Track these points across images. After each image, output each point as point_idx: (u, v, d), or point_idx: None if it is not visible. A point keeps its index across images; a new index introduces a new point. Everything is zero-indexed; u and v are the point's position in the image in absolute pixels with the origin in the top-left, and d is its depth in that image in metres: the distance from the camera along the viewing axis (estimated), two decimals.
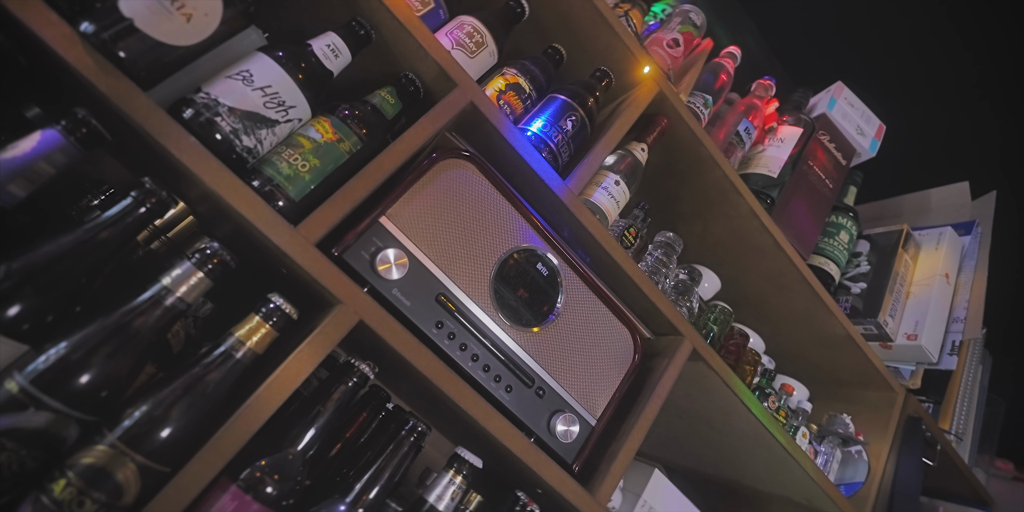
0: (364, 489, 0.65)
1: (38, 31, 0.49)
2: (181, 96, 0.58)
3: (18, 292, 0.49)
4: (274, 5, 0.72)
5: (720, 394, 0.94)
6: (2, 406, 0.47)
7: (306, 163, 0.63)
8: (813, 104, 1.22)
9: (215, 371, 0.56)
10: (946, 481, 1.32)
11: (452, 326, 0.69)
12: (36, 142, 0.51)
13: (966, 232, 1.23)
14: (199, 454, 0.53)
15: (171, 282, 0.55)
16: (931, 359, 1.12)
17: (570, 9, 0.87)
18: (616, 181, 0.83)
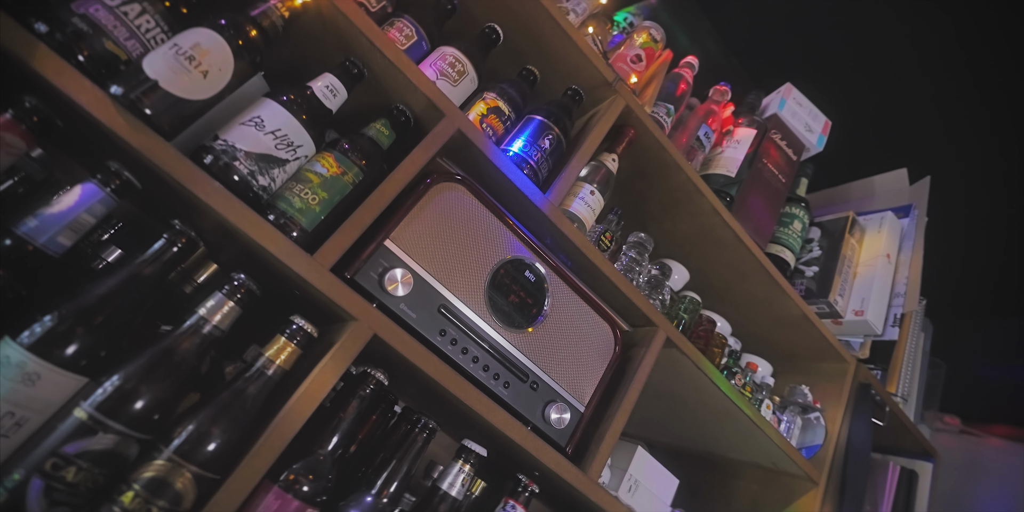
0: (386, 482, 0.73)
1: (75, 96, 0.54)
2: (199, 142, 0.64)
3: (75, 332, 0.55)
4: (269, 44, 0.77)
5: (692, 376, 1.05)
6: (74, 432, 0.53)
7: (315, 196, 0.69)
8: (766, 104, 1.32)
9: (251, 387, 0.63)
10: (895, 438, 1.47)
11: (454, 333, 0.77)
12: (78, 196, 0.56)
13: (905, 215, 1.36)
14: (245, 461, 0.60)
15: (207, 312, 0.62)
16: (876, 332, 1.25)
17: (541, 33, 0.94)
18: (591, 191, 0.91)
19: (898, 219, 1.32)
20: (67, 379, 0.54)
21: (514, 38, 0.95)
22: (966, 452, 2.34)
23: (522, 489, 0.82)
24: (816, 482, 1.18)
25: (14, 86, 0.57)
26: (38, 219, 0.54)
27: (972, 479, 2.24)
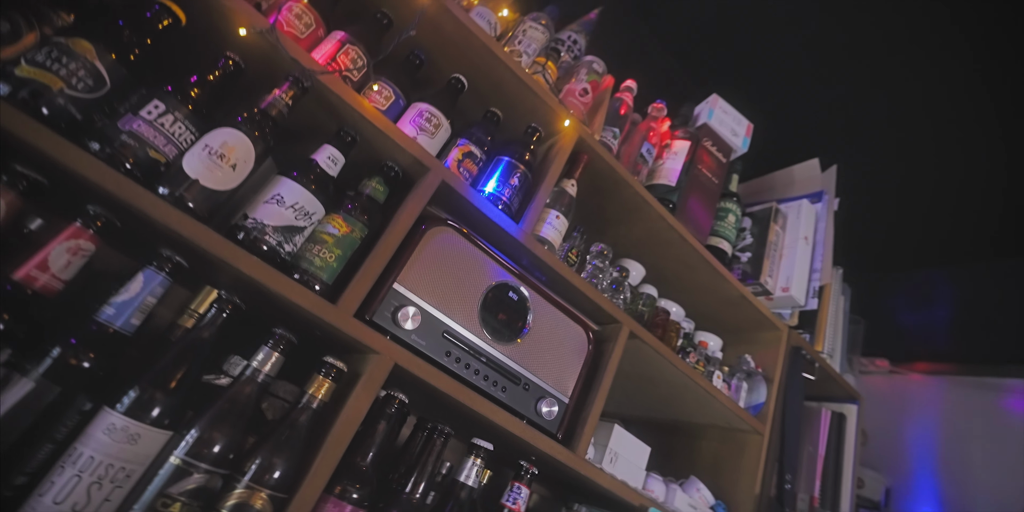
0: (416, 481, 0.88)
1: (131, 201, 0.64)
2: (230, 221, 0.75)
3: (158, 397, 0.66)
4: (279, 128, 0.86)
5: (654, 359, 1.22)
6: (173, 475, 0.65)
7: (332, 254, 0.81)
8: (697, 113, 1.47)
9: (301, 419, 0.76)
10: (825, 388, 1.71)
11: (457, 352, 0.91)
12: (141, 282, 0.66)
13: (817, 200, 1.56)
14: (307, 480, 0.74)
15: (258, 364, 0.74)
16: (801, 304, 1.46)
17: (500, 80, 1.06)
18: (557, 216, 1.06)
19: (812, 205, 1.53)
20: (159, 434, 0.66)
21: (477, 85, 1.06)
22: (895, 389, 2.69)
23: (524, 472, 0.98)
24: (761, 433, 1.40)
25: (73, 195, 0.66)
26: (113, 307, 0.65)
27: (901, 411, 2.57)
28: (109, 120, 0.65)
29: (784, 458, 1.41)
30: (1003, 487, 2.18)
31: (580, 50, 1.41)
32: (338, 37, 0.87)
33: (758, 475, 1.35)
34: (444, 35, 1.00)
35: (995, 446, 2.31)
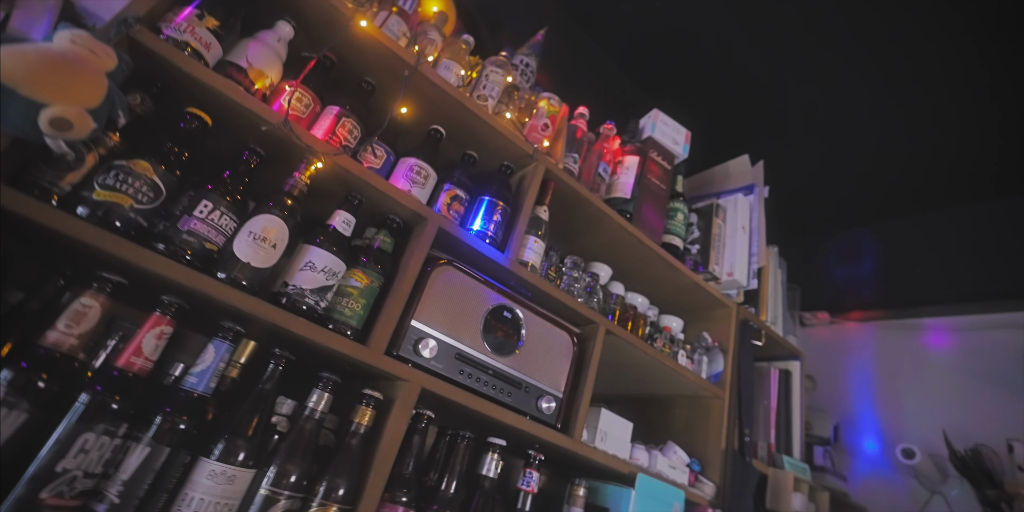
0: (449, 479, 1.05)
1: (198, 288, 0.76)
2: (272, 288, 0.87)
3: (241, 445, 0.80)
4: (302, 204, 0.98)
5: (628, 349, 1.42)
6: (264, 504, 0.80)
7: (357, 303, 0.95)
8: (642, 127, 1.64)
9: (353, 442, 0.91)
10: (771, 350, 1.96)
11: (468, 370, 1.07)
12: (213, 352, 0.79)
13: (749, 192, 1.78)
14: (366, 491, 0.89)
15: (313, 404, 0.88)
16: (744, 285, 1.67)
17: (473, 127, 1.19)
18: (535, 240, 1.22)
19: (745, 197, 1.74)
20: (248, 473, 0.80)
21: (453, 131, 1.19)
22: (835, 337, 2.99)
23: (533, 459, 1.17)
24: (722, 398, 1.63)
25: (148, 288, 0.78)
26: (195, 376, 0.78)
27: (842, 356, 2.87)
28: (169, 223, 0.76)
29: (742, 415, 1.65)
30: (928, 413, 2.51)
31: (532, 72, 1.55)
32: (334, 112, 0.99)
33: (723, 433, 1.58)
34: (422, 94, 1.13)
35: (919, 378, 2.63)
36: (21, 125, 0.59)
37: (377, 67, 1.08)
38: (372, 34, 1.01)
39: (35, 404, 0.65)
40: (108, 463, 0.69)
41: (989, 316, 2.56)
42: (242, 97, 0.84)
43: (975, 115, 2.08)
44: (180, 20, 0.80)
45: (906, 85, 2.06)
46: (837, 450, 2.55)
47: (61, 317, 0.69)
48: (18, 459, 0.64)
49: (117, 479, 0.70)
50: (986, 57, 1.87)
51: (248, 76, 0.88)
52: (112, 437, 0.69)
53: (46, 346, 0.68)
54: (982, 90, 1.99)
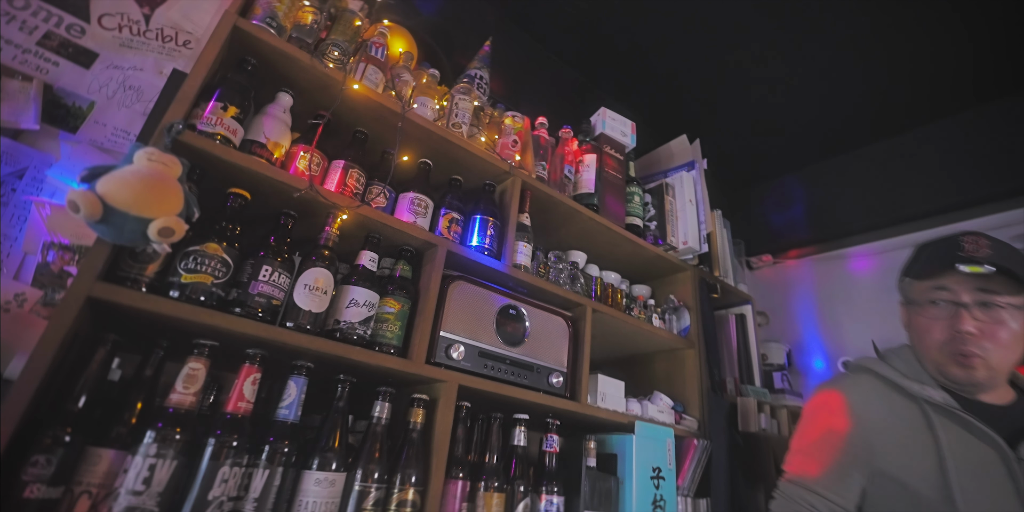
0: (491, 453, 1.25)
1: (274, 338, 0.90)
2: (327, 326, 1.02)
3: (331, 457, 0.97)
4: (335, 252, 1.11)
5: (611, 321, 1.63)
6: (360, 497, 0.98)
7: (395, 326, 1.11)
8: (594, 124, 1.81)
9: (414, 438, 1.10)
10: (726, 299, 2.21)
11: (490, 363, 1.26)
12: (295, 387, 0.95)
13: (691, 169, 1.98)
14: (433, 474, 1.08)
15: (378, 413, 1.06)
16: (698, 250, 1.89)
17: (455, 155, 1.33)
18: (524, 245, 1.39)
19: (688, 173, 1.95)
20: (342, 476, 0.97)
21: (438, 162, 1.33)
22: (780, 275, 3.29)
23: (552, 426, 1.39)
24: (693, 347, 1.88)
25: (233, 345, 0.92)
26: (285, 408, 0.93)
27: (787, 290, 3.17)
28: (239, 289, 0.90)
29: (710, 359, 1.90)
30: (861, 329, 2.84)
31: (486, 83, 1.68)
32: (340, 165, 1.12)
33: (697, 377, 1.83)
34: (409, 134, 1.26)
35: (852, 300, 2.96)
36: (135, 238, 0.71)
37: (367, 117, 1.20)
38: (362, 92, 1.13)
39: (178, 452, 0.80)
40: (241, 487, 0.86)
41: (900, 237, 2.89)
42: (271, 171, 0.96)
43: (871, 61, 2.31)
44: (207, 114, 0.91)
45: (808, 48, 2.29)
46: (792, 372, 2.86)
47: (177, 381, 0.83)
48: (177, 495, 0.79)
49: (249, 498, 0.86)
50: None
51: (267, 148, 1.00)
52: (240, 467, 0.85)
53: (172, 406, 0.82)
54: (865, 42, 2.22)
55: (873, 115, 2.68)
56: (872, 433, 1.00)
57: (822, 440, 1.05)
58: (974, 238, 0.97)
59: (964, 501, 0.87)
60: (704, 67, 2.36)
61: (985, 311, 0.94)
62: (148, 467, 0.77)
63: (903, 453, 0.96)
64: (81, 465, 0.76)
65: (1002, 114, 2.52)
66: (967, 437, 0.93)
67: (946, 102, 2.55)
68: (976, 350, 0.93)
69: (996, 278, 0.93)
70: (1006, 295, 0.93)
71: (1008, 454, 0.89)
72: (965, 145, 2.62)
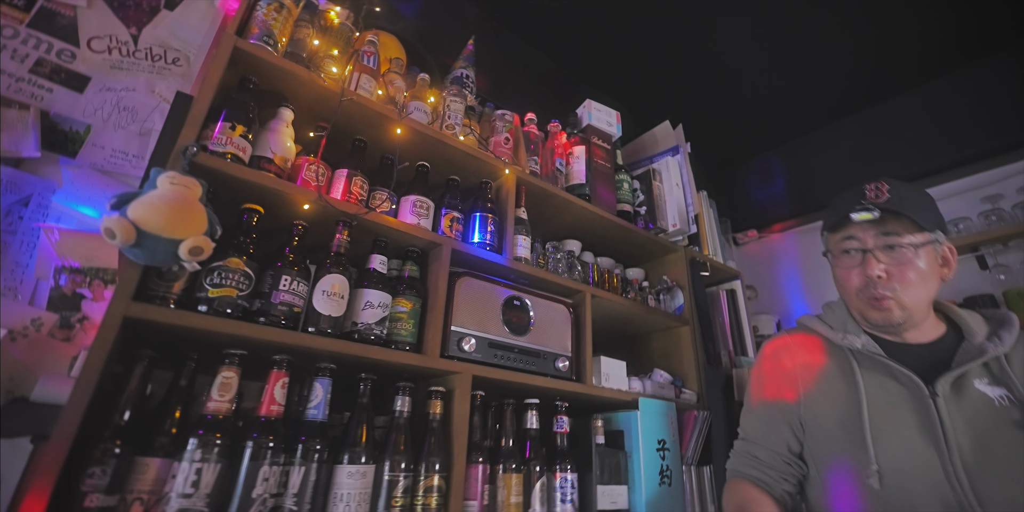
0: (506, 437, 1.31)
1: (298, 343, 0.94)
2: (345, 328, 1.06)
3: (359, 450, 1.01)
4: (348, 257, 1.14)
5: (609, 305, 1.67)
6: (390, 485, 1.03)
7: (408, 324, 1.15)
8: (581, 116, 1.83)
9: (435, 427, 1.15)
10: (716, 276, 2.26)
11: (500, 352, 1.31)
12: (321, 388, 0.99)
13: (676, 153, 2.02)
14: (455, 460, 1.13)
15: (399, 406, 1.10)
16: (687, 231, 1.94)
17: (451, 156, 1.36)
18: (522, 238, 1.43)
19: (673, 157, 1.99)
20: (371, 468, 1.02)
21: (435, 163, 1.36)
22: (766, 249, 3.36)
23: (561, 408, 1.44)
24: (688, 324, 1.95)
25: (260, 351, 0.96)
26: (314, 408, 0.98)
27: (773, 263, 3.24)
28: (262, 299, 0.93)
29: (705, 335, 1.97)
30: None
31: (472, 82, 1.70)
32: (344, 174, 1.14)
33: (693, 352, 1.89)
34: (406, 138, 1.28)
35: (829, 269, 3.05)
36: (166, 259, 0.74)
37: (365, 125, 1.23)
38: (360, 101, 1.15)
39: (220, 456, 0.84)
40: (280, 484, 0.90)
41: None
42: (281, 184, 0.99)
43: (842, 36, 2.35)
44: (217, 135, 0.93)
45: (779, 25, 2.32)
46: None
47: (212, 389, 0.87)
48: (223, 496, 0.84)
49: (289, 494, 0.91)
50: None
51: (275, 163, 1.02)
52: (278, 465, 0.90)
53: (211, 413, 0.86)
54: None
55: (845, 89, 2.74)
56: (797, 384, 1.07)
57: (756, 396, 1.14)
58: (875, 185, 1.00)
59: (875, 440, 0.92)
60: (680, 51, 2.38)
61: (890, 253, 0.96)
62: (195, 471, 0.81)
63: (825, 401, 1.02)
64: (131, 474, 0.80)
65: (967, 80, 2.59)
66: (886, 379, 0.97)
67: (913, 73, 2.61)
68: (887, 292, 0.96)
69: (897, 220, 0.95)
70: (907, 235, 0.95)
71: (923, 391, 0.92)
72: (934, 112, 2.69)
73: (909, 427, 0.91)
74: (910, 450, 0.90)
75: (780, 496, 1.03)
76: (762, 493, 1.03)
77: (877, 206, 0.95)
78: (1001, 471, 0.84)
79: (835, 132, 3.08)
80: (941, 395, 0.91)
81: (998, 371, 0.93)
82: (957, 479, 0.85)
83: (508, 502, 1.21)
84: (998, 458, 0.85)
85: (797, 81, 2.67)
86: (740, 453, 1.12)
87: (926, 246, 0.96)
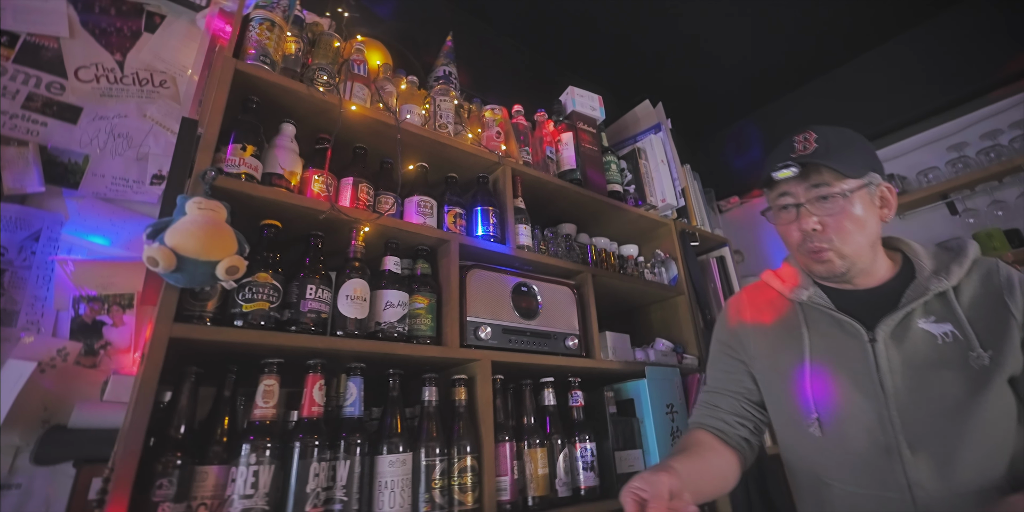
0: (527, 415, 1.36)
1: (329, 346, 0.98)
2: (369, 328, 1.10)
3: (397, 441, 1.06)
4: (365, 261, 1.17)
5: (609, 282, 1.72)
6: (427, 470, 1.08)
7: (427, 319, 1.18)
8: (565, 103, 1.85)
9: (461, 412, 1.20)
10: (705, 245, 2.31)
11: (513, 337, 1.35)
12: (355, 387, 1.03)
13: (658, 131, 2.04)
14: (484, 440, 1.18)
15: (427, 397, 1.15)
16: (675, 205, 1.99)
17: (449, 156, 1.37)
18: (523, 227, 1.46)
19: (656, 135, 2.01)
20: (409, 455, 1.07)
21: (433, 162, 1.38)
22: (747, 214, 3.41)
23: (574, 384, 1.50)
24: (683, 294, 2.00)
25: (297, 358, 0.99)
26: (351, 406, 1.02)
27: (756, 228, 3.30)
28: (291, 309, 0.97)
29: (700, 301, 2.03)
30: None
31: (455, 78, 1.71)
32: (349, 182, 1.16)
33: (690, 319, 1.95)
34: (405, 142, 1.30)
35: None
36: (204, 280, 0.77)
37: (364, 133, 1.24)
38: (358, 111, 1.17)
39: (273, 457, 0.89)
40: (329, 478, 0.95)
41: None
42: (294, 198, 1.01)
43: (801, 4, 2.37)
44: (230, 156, 0.94)
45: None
46: None
47: (257, 397, 0.91)
48: (279, 493, 0.89)
49: (338, 486, 0.96)
50: None
51: (285, 178, 1.04)
52: (325, 461, 0.94)
53: (258, 419, 0.90)
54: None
55: (812, 52, 2.76)
56: (747, 337, 1.07)
57: (715, 349, 1.15)
58: (804, 135, 0.94)
59: (815, 391, 0.91)
60: (652, 27, 2.38)
61: (823, 204, 0.91)
62: (252, 473, 0.86)
63: (771, 355, 1.01)
64: (193, 483, 0.84)
65: (925, 36, 2.63)
66: (831, 329, 0.95)
67: (874, 34, 2.63)
68: (824, 245, 0.92)
69: (827, 169, 0.90)
70: (837, 183, 0.90)
71: (863, 337, 0.90)
72: (897, 69, 2.74)
73: (849, 375, 0.90)
74: (848, 398, 0.88)
75: (736, 443, 1.01)
76: (714, 438, 1.01)
77: (804, 158, 0.90)
78: (934, 409, 0.82)
79: (806, 95, 3.11)
80: (880, 340, 0.88)
81: (944, 307, 0.88)
82: (891, 422, 0.84)
83: (536, 474, 1.27)
84: (933, 397, 0.83)
85: (766, 48, 2.68)
86: (701, 404, 1.10)
87: (859, 191, 0.90)
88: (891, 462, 0.83)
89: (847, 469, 0.88)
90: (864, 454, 0.86)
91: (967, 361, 0.82)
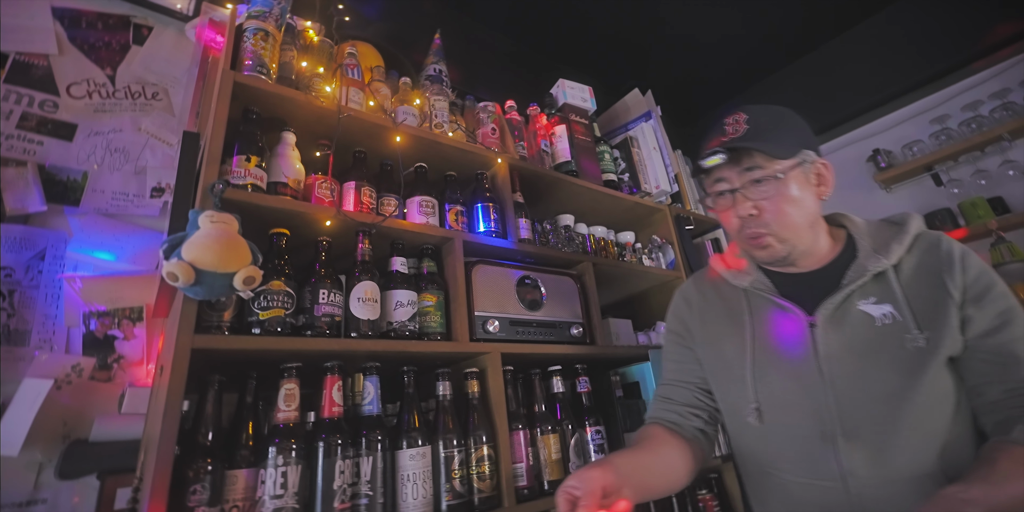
0: (537, 403, 1.39)
1: (345, 348, 0.99)
2: (382, 328, 1.11)
3: (416, 435, 1.08)
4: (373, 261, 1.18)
5: (609, 270, 1.73)
6: (447, 461, 1.11)
7: (435, 315, 1.20)
8: (556, 96, 1.84)
9: (475, 403, 1.22)
10: (700, 228, 2.33)
11: (521, 329, 1.37)
12: (372, 386, 1.05)
13: (649, 119, 2.05)
14: (498, 429, 1.21)
15: (441, 391, 1.17)
16: (669, 191, 2.00)
17: (447, 155, 1.37)
18: (523, 220, 1.46)
19: (647, 123, 2.02)
20: (428, 448, 1.09)
21: (433, 162, 1.38)
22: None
23: (582, 370, 1.53)
24: (681, 278, 2.02)
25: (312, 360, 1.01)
26: (369, 404, 1.04)
27: None
28: (305, 314, 0.98)
29: None
30: None
31: (446, 75, 1.70)
32: (352, 186, 1.16)
33: None
34: (402, 144, 1.30)
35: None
36: (223, 292, 0.78)
37: (362, 137, 1.24)
38: (356, 115, 1.17)
39: (299, 458, 0.91)
40: (354, 474, 0.97)
41: (841, 137, 3.04)
42: (300, 206, 1.02)
43: None
44: (235, 168, 0.95)
45: None
46: None
47: (279, 401, 0.92)
48: (307, 492, 0.91)
49: (363, 481, 0.98)
50: None
51: (290, 186, 1.05)
52: (349, 459, 0.96)
53: (281, 422, 0.92)
54: None
55: (795, 31, 2.76)
56: (694, 325, 1.03)
57: (668, 340, 1.10)
58: (734, 117, 0.89)
59: (756, 379, 0.89)
60: (637, 12, 2.37)
61: (758, 188, 0.85)
62: (281, 474, 0.88)
63: (715, 343, 0.98)
64: (224, 486, 0.86)
65: (904, 11, 2.64)
66: (773, 315, 0.91)
67: (856, 11, 2.62)
68: (761, 230, 0.87)
69: (756, 152, 0.85)
70: (769, 165, 0.85)
71: (803, 321, 0.86)
72: (879, 44, 2.75)
73: (790, 362, 0.86)
74: (786, 385, 0.85)
75: (692, 435, 0.97)
76: (667, 432, 0.96)
77: (734, 142, 0.85)
78: (872, 394, 0.79)
79: (791, 74, 3.12)
80: (819, 324, 0.84)
81: (884, 287, 0.84)
82: (828, 410, 0.81)
83: (550, 459, 1.29)
84: (870, 382, 0.79)
85: (750, 27, 2.68)
86: (656, 398, 1.06)
87: (794, 170, 0.85)
88: (826, 450, 0.80)
89: (785, 458, 0.86)
90: (802, 442, 0.83)
91: (904, 343, 0.79)
